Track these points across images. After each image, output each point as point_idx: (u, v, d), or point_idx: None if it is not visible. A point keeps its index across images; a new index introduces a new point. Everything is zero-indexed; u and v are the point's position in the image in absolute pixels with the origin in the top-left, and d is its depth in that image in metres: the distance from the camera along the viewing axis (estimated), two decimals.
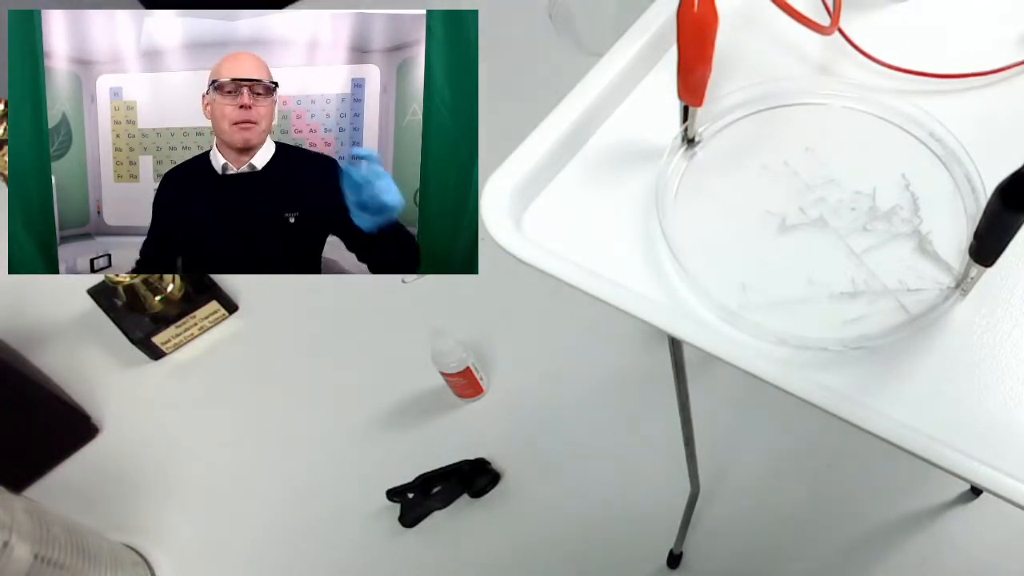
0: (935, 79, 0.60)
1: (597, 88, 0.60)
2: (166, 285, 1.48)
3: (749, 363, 0.48)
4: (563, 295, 1.46)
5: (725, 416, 1.35)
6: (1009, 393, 0.47)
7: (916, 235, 0.54)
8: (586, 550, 1.27)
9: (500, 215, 0.55)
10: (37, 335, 1.55)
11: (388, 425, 1.41)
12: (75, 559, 1.07)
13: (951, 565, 1.21)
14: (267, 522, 1.34)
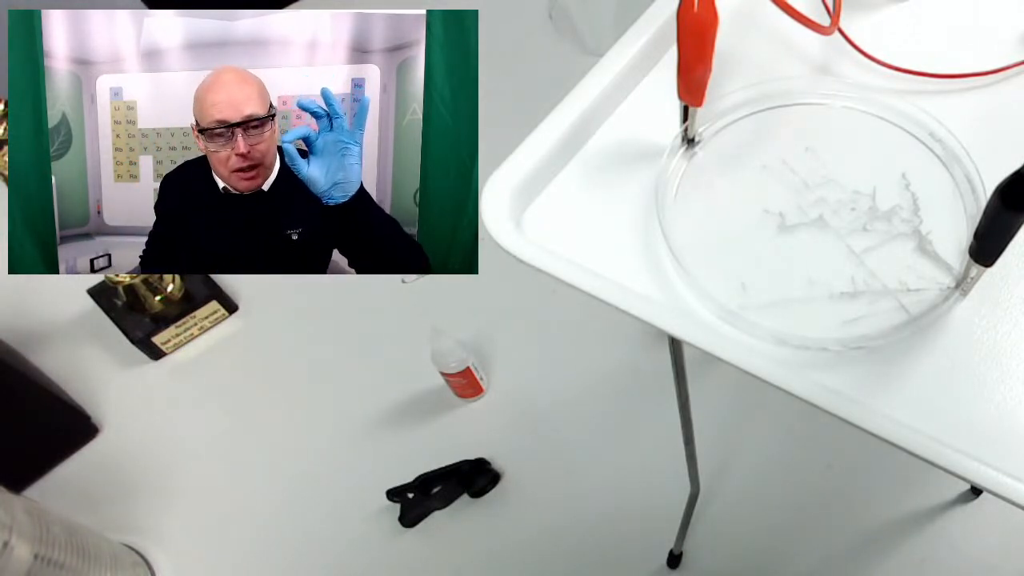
0: (935, 79, 0.60)
1: (597, 88, 0.60)
2: (166, 285, 1.48)
3: (749, 363, 0.48)
4: (563, 295, 1.46)
5: (725, 416, 1.35)
6: (1009, 393, 0.47)
7: (916, 235, 0.54)
8: (586, 550, 1.27)
9: (500, 215, 0.55)
10: (37, 335, 1.55)
11: (388, 425, 1.41)
12: (75, 559, 1.06)
13: (951, 565, 1.21)
14: (267, 522, 1.34)
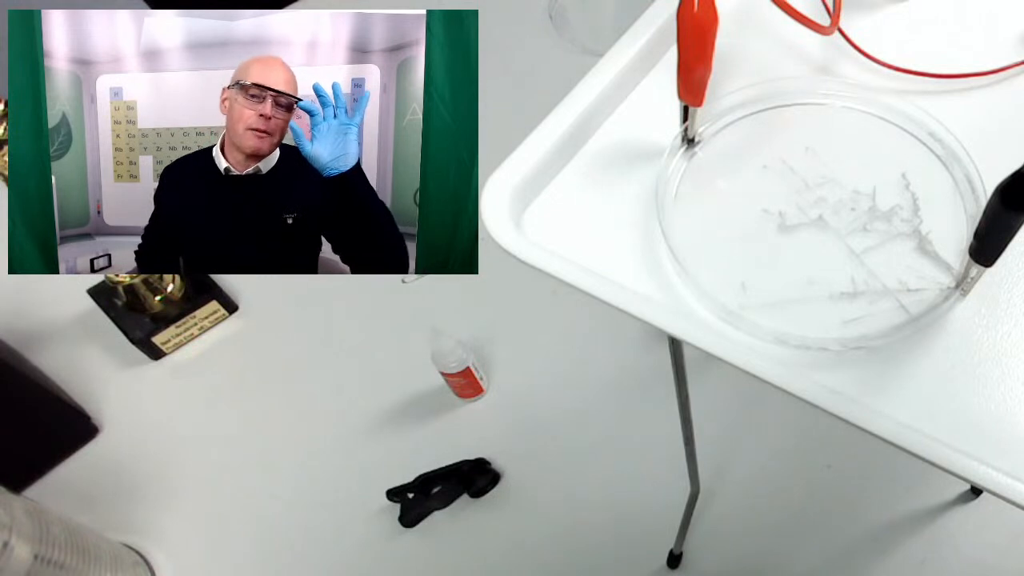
0: (935, 79, 0.60)
1: (597, 88, 0.60)
2: (166, 285, 1.48)
3: (749, 363, 0.48)
4: (563, 295, 1.47)
5: (725, 416, 1.35)
6: (1009, 393, 0.47)
7: (916, 235, 0.54)
8: (586, 550, 1.27)
9: (500, 215, 0.55)
10: (37, 335, 1.55)
11: (388, 425, 1.41)
12: (75, 559, 1.06)
13: (951, 565, 1.21)
14: (267, 522, 1.34)
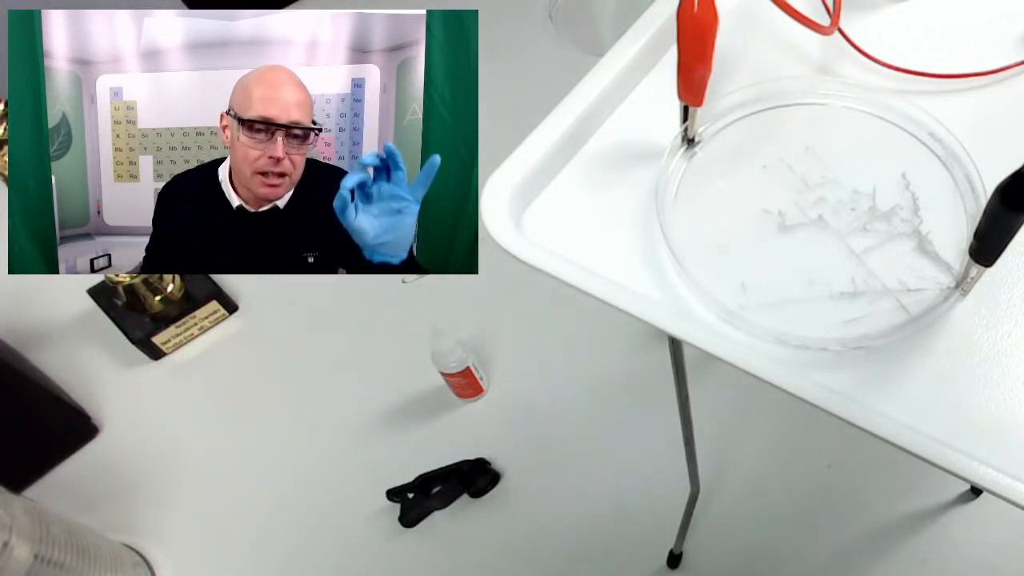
0: (935, 79, 0.60)
1: (597, 88, 0.60)
2: (166, 285, 1.48)
3: (749, 363, 0.48)
4: (563, 295, 1.46)
5: (725, 416, 1.35)
6: (1009, 393, 0.47)
7: (916, 235, 0.54)
8: (586, 550, 1.27)
9: (500, 215, 0.55)
10: (37, 335, 1.55)
11: (388, 425, 1.41)
12: (75, 559, 1.06)
13: (951, 565, 1.21)
14: (267, 522, 1.34)
